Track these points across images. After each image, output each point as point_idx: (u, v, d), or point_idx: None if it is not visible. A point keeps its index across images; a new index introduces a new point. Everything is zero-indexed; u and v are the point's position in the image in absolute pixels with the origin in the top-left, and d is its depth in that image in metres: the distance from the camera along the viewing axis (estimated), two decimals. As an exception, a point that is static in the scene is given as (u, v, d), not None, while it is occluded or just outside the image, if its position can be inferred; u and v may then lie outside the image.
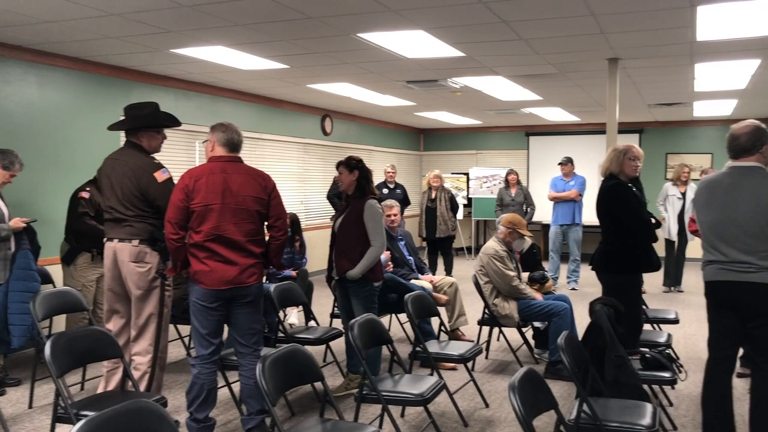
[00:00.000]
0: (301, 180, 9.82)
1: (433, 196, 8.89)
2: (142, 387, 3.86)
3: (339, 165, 4.50)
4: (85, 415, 3.02)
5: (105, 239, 4.00)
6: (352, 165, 4.44)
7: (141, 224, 3.89)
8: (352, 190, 4.45)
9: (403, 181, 10.92)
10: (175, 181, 3.70)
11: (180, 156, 7.67)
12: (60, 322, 5.45)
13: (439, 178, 8.98)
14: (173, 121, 4.16)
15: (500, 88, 7.99)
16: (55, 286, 5.23)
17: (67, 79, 6.17)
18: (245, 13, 4.62)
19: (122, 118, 4.21)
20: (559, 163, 9.02)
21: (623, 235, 4.20)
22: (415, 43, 5.53)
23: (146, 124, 4.02)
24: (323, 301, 7.08)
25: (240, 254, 3.53)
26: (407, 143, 13.39)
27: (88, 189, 5.29)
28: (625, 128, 10.85)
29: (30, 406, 4.44)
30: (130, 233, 3.89)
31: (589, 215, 8.87)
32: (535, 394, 2.60)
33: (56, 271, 5.48)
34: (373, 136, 11.95)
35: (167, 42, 5.50)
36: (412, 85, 7.66)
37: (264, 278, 3.81)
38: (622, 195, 4.16)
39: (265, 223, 3.70)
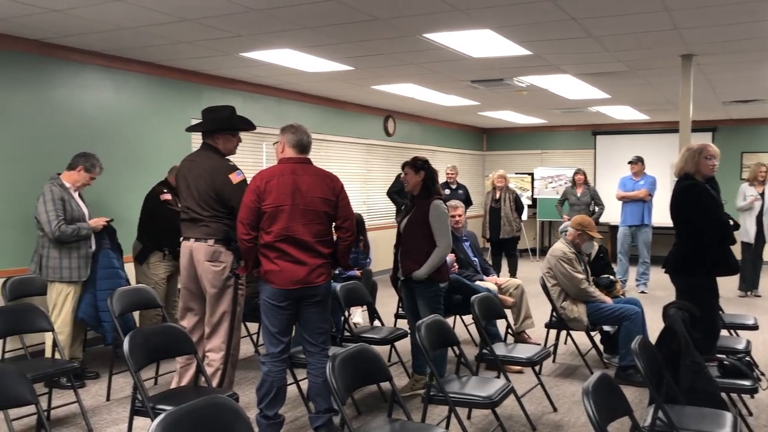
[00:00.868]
0: (364, 181, 9.88)
1: (498, 196, 8.79)
2: (215, 383, 3.95)
3: (405, 165, 4.50)
4: (161, 409, 3.13)
5: (181, 238, 4.12)
6: (418, 165, 4.43)
7: (216, 224, 3.98)
8: (418, 191, 4.44)
9: (466, 181, 10.85)
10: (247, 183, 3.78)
11: (247, 157, 7.82)
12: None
13: (503, 178, 8.88)
14: (248, 125, 4.27)
15: (567, 86, 7.84)
16: (129, 284, 5.43)
17: (141, 84, 6.39)
18: (313, 16, 4.68)
19: (198, 120, 4.33)
20: (629, 162, 8.79)
21: (698, 237, 4.05)
22: (481, 43, 5.48)
23: (222, 127, 4.12)
24: (386, 301, 7.10)
25: (309, 254, 3.58)
26: (470, 143, 13.30)
27: (165, 190, 5.47)
28: (697, 127, 10.44)
29: (108, 399, 4.62)
30: (205, 233, 3.98)
31: (659, 216, 8.66)
32: (608, 400, 2.54)
33: (130, 270, 5.69)
34: (436, 136, 11.91)
35: (237, 46, 5.63)
36: (476, 85, 7.60)
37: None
38: (698, 196, 4.02)
39: (333, 224, 3.74)
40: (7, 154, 5.25)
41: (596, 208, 9.17)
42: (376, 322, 5.45)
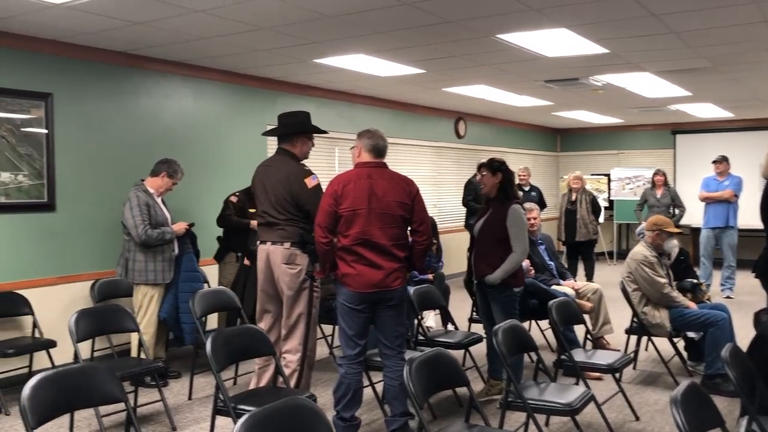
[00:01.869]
0: (434, 184, 9.85)
1: (574, 198, 8.60)
2: (292, 384, 4.01)
3: (481, 167, 4.46)
4: (242, 409, 3.20)
5: (259, 242, 4.22)
6: (495, 167, 4.36)
7: (292, 228, 4.05)
8: (495, 194, 4.38)
9: (539, 183, 10.66)
10: (323, 186, 3.84)
11: (321, 162, 7.93)
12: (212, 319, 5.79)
13: (579, 180, 8.68)
14: (322, 129, 4.38)
15: (646, 84, 7.60)
16: (209, 286, 5.60)
17: (218, 92, 6.58)
18: (386, 20, 4.70)
19: (273, 126, 4.43)
20: (713, 162, 8.44)
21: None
22: (556, 42, 5.38)
23: (301, 130, 4.23)
24: (459, 305, 7.04)
25: (385, 258, 3.59)
26: (543, 144, 13.07)
27: (237, 194, 5.64)
28: (787, 123, 9.99)
29: (189, 398, 4.76)
30: (282, 236, 4.06)
31: (746, 217, 8.27)
32: (699, 410, 2.44)
33: (210, 271, 5.86)
34: (508, 137, 11.76)
35: (311, 52, 5.71)
36: (551, 85, 7.46)
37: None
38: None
39: (408, 228, 3.74)
40: (94, 161, 5.50)
41: (677, 210, 8.84)
42: (450, 326, 5.42)
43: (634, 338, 5.30)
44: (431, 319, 6.49)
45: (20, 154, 5.01)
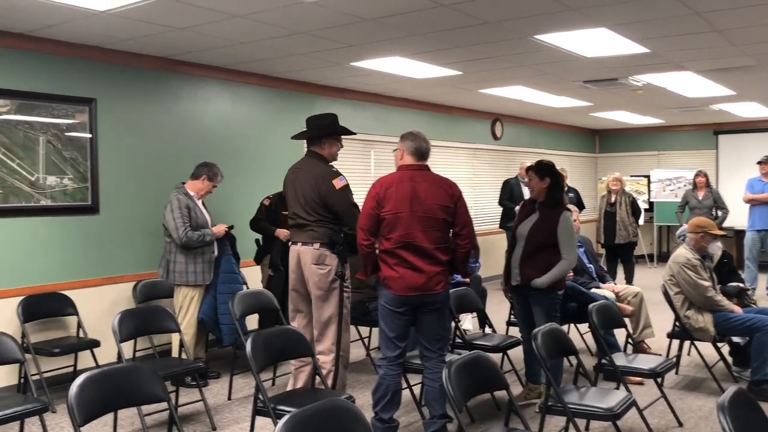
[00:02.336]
0: (470, 185, 9.80)
1: (613, 200, 8.47)
2: (328, 385, 4.03)
3: (529, 169, 4.40)
4: (282, 410, 3.23)
5: (291, 243, 4.28)
6: (543, 171, 4.30)
7: (322, 229, 4.10)
8: (543, 198, 4.32)
9: (577, 184, 10.54)
10: (355, 188, 3.86)
11: (356, 164, 7.96)
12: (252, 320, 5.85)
13: (619, 181, 8.54)
14: (350, 130, 4.43)
15: (687, 84, 7.45)
16: (248, 288, 5.66)
17: (256, 95, 6.66)
18: (423, 22, 4.69)
19: (304, 129, 4.47)
20: (758, 162, 8.23)
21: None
22: (595, 42, 5.31)
23: (329, 132, 4.27)
24: (496, 308, 7.00)
25: (427, 262, 3.58)
26: (581, 145, 12.91)
27: (270, 197, 5.71)
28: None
29: (229, 398, 4.82)
30: (311, 237, 4.12)
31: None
32: (747, 417, 2.37)
33: (249, 273, 5.92)
34: (545, 138, 11.65)
35: (348, 56, 5.74)
36: (589, 85, 7.37)
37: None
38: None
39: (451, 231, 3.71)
40: (136, 165, 5.61)
41: (719, 212, 8.64)
42: (487, 329, 5.39)
43: (676, 342, 5.19)
44: (468, 322, 6.45)
45: (65, 158, 5.13)
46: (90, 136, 5.28)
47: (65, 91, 5.13)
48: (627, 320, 5.25)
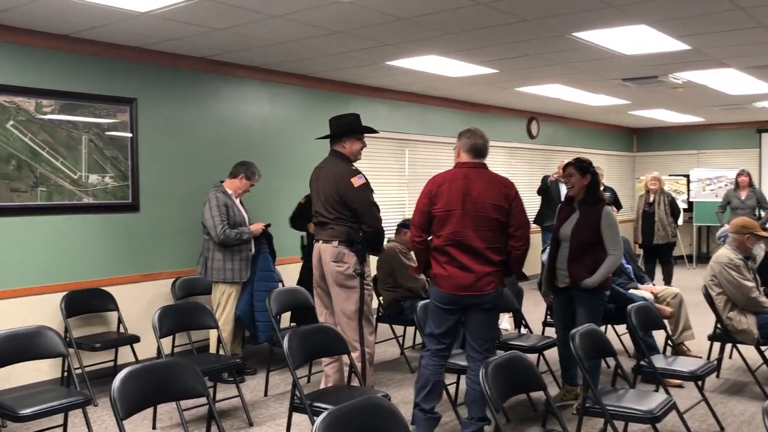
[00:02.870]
0: (507, 185, 9.71)
1: (651, 199, 8.33)
2: (355, 381, 4.05)
3: (568, 166, 4.35)
4: (318, 407, 3.25)
5: (314, 240, 4.36)
6: (584, 168, 4.26)
7: (341, 227, 4.18)
8: (582, 195, 4.28)
9: (614, 184, 10.38)
10: (389, 187, 3.86)
11: (390, 163, 7.98)
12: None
13: (657, 181, 8.40)
14: (372, 129, 4.47)
15: (729, 81, 7.29)
16: (284, 286, 5.71)
17: (294, 95, 6.71)
18: (459, 21, 4.68)
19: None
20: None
21: None
22: (635, 39, 5.22)
23: (348, 130, 4.34)
24: (531, 308, 6.94)
25: (478, 261, 3.55)
26: (619, 144, 12.72)
27: (307, 196, 5.73)
28: None
29: (265, 394, 4.86)
30: (331, 235, 4.20)
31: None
32: (793, 422, 2.32)
33: (285, 271, 5.97)
34: (582, 137, 11.51)
35: (383, 55, 5.75)
36: (628, 83, 7.26)
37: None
38: None
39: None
40: (176, 163, 5.70)
41: (762, 213, 8.44)
42: (523, 329, 5.35)
43: (717, 345, 5.09)
44: (506, 322, 6.42)
45: (107, 156, 5.24)
46: (131, 135, 5.39)
47: (107, 92, 5.24)
48: (666, 322, 5.17)
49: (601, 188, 8.56)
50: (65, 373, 4.76)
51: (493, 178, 3.65)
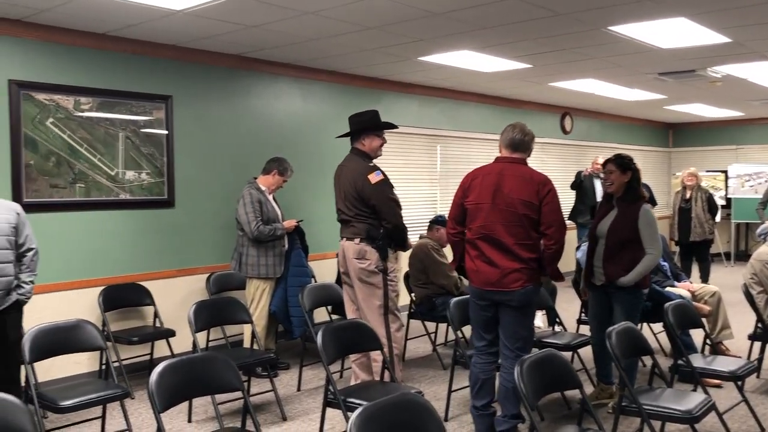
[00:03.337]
0: (539, 181, 9.61)
1: (688, 196, 8.19)
2: (384, 377, 4.05)
3: (608, 162, 4.28)
4: (352, 402, 3.26)
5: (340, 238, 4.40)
6: (625, 165, 4.18)
7: (361, 224, 4.22)
8: (622, 193, 4.21)
9: (650, 180, 10.22)
10: (420, 183, 3.85)
11: (422, 159, 7.95)
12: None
13: (694, 177, 8.25)
14: (391, 125, 4.49)
15: (771, 74, 7.12)
16: (316, 281, 5.74)
17: (326, 92, 6.72)
18: (494, 15, 4.64)
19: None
20: None
21: None
22: (672, 32, 5.12)
23: (367, 127, 4.38)
24: (565, 305, 6.87)
25: (505, 257, 3.52)
26: (654, 139, 12.51)
27: None
28: None
29: (298, 389, 4.90)
30: (353, 232, 4.24)
31: None
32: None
33: (318, 267, 6.00)
34: (616, 133, 11.34)
35: (416, 50, 5.73)
36: (664, 78, 7.13)
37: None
38: None
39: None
40: (210, 160, 5.76)
41: (804, 209, 8.23)
42: (557, 327, 5.30)
43: (757, 345, 4.98)
44: (539, 319, 6.36)
45: (143, 153, 5.32)
46: (166, 132, 5.46)
47: (143, 89, 5.31)
48: (704, 320, 5.07)
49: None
50: (103, 366, 4.85)
51: (526, 174, 3.59)
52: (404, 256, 5.60)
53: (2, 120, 4.58)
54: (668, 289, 5.15)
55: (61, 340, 3.57)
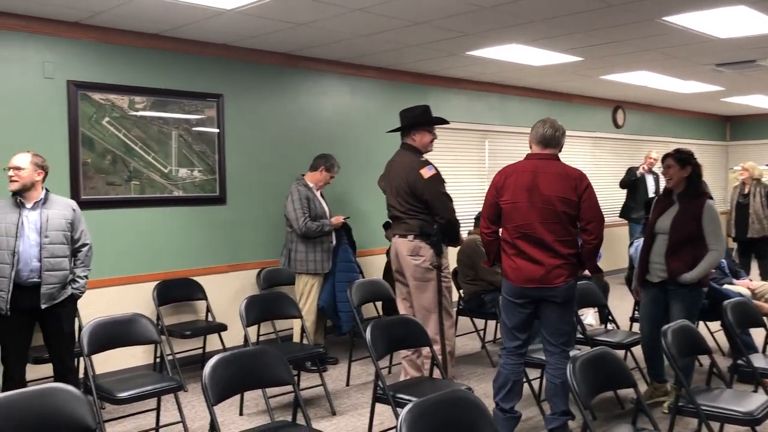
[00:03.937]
0: (591, 176, 9.37)
1: (746, 191, 7.92)
2: (436, 374, 4.03)
3: (666, 157, 4.18)
4: (402, 398, 3.26)
5: (393, 235, 4.39)
6: (685, 159, 4.08)
7: (414, 220, 4.20)
8: (682, 188, 4.10)
9: (706, 174, 9.87)
10: (469, 178, 3.82)
11: (471, 155, 7.89)
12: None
13: (747, 171, 7.97)
14: (442, 120, 4.47)
15: (836, 63, 6.82)
16: (364, 277, 5.76)
17: (373, 88, 6.73)
18: (543, 8, 4.57)
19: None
20: None
21: None
22: (730, 22, 4.96)
23: (418, 122, 4.35)
24: (617, 303, 6.73)
25: (547, 254, 3.47)
26: (710, 133, 12.14)
27: None
28: None
29: (347, 384, 4.92)
30: (406, 229, 4.22)
31: None
32: None
33: (365, 263, 6.02)
34: (670, 126, 11.04)
35: (464, 45, 5.68)
36: (722, 68, 6.90)
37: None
38: None
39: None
40: (260, 157, 5.83)
41: None
42: (610, 325, 5.19)
43: (822, 345, 4.78)
44: (591, 317, 6.25)
45: (195, 151, 5.42)
46: (217, 130, 5.55)
47: (195, 88, 5.41)
48: (765, 319, 4.90)
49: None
50: (158, 359, 4.98)
51: (561, 170, 3.53)
52: (452, 252, 5.57)
53: (61, 120, 4.73)
54: (726, 286, 5.01)
55: (117, 333, 3.66)
